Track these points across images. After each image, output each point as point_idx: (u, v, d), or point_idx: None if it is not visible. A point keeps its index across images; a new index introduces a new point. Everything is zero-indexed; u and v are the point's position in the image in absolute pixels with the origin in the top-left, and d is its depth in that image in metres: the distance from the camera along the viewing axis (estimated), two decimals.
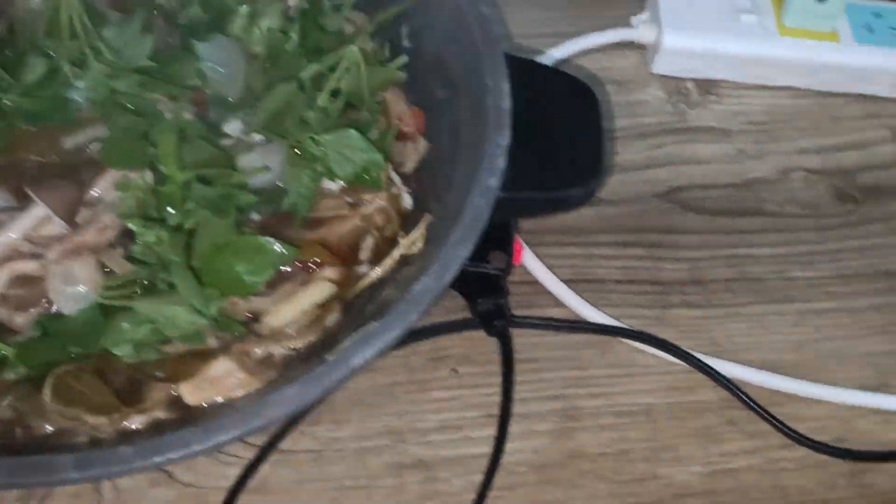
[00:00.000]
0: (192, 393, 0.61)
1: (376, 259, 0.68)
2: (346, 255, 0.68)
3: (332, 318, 0.66)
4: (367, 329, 0.58)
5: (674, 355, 0.76)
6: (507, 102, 0.67)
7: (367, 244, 0.69)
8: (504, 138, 0.65)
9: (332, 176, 0.69)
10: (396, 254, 0.67)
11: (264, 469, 0.70)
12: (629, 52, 0.95)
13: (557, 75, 0.76)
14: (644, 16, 0.94)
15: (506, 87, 0.68)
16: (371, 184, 0.69)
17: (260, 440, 0.70)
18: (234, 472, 0.69)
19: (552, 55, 0.90)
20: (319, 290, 0.65)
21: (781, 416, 0.75)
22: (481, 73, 0.69)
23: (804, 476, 0.73)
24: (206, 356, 0.62)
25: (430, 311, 0.60)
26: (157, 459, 0.53)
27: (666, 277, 0.81)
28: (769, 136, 0.90)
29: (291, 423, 0.71)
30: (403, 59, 0.75)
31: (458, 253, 0.61)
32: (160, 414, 0.60)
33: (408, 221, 0.70)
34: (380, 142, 0.70)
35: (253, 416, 0.54)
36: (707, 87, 0.93)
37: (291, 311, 0.64)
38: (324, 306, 0.65)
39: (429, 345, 0.76)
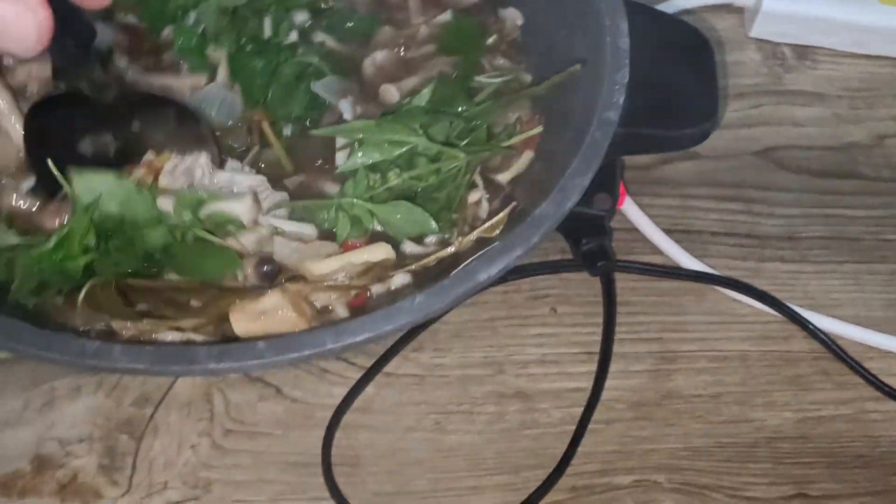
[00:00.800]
0: (239, 321, 0.60)
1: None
2: None
3: (400, 280, 0.65)
4: (489, 248, 0.60)
5: (769, 306, 0.77)
6: (625, 41, 0.68)
7: None
8: (623, 76, 0.66)
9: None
10: (474, 235, 0.67)
11: (369, 390, 0.72)
12: (727, 15, 0.95)
13: (672, 22, 0.78)
14: None
15: (624, 26, 0.69)
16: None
17: (366, 363, 0.72)
18: (340, 392, 0.71)
19: None
20: (371, 252, 0.65)
21: (873, 371, 0.75)
22: (599, 13, 0.70)
23: (894, 427, 0.74)
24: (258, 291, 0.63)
25: (547, 235, 0.61)
26: (292, 355, 0.55)
27: (762, 232, 0.82)
28: (865, 102, 0.91)
29: (396, 347, 0.72)
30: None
31: (577, 181, 0.62)
32: (195, 337, 0.60)
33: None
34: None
35: (383, 321, 0.56)
36: (803, 52, 0.94)
37: (337, 263, 0.64)
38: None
39: (528, 284, 0.77)
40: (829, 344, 0.76)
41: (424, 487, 0.69)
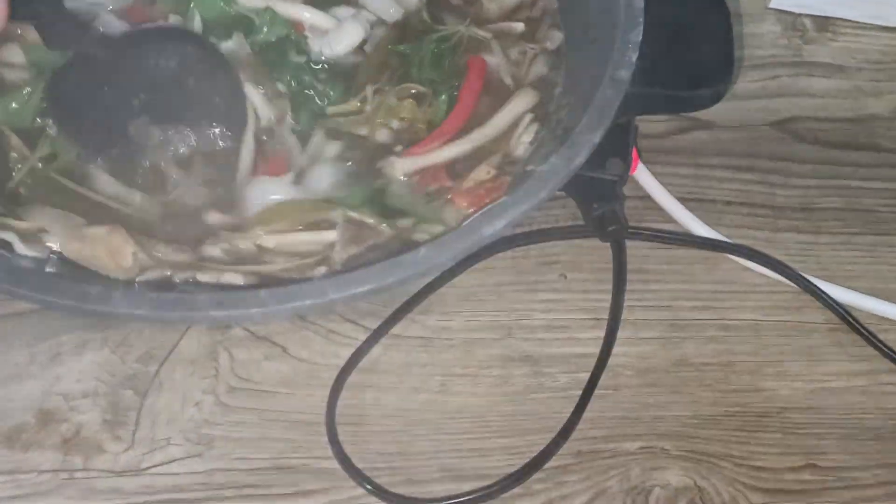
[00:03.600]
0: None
1: None
2: None
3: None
4: (496, 203, 0.59)
5: (783, 275, 0.76)
6: (640, 0, 0.67)
7: None
8: (636, 34, 0.65)
9: None
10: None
11: (375, 351, 0.71)
12: None
13: None
14: None
15: None
16: None
17: (373, 325, 0.72)
18: (346, 353, 0.70)
19: None
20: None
21: (888, 343, 0.74)
22: None
23: None
24: None
25: (555, 191, 0.60)
26: (295, 304, 0.54)
27: (777, 202, 0.81)
28: (886, 74, 0.90)
29: (403, 309, 0.72)
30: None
31: (586, 138, 0.62)
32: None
33: None
34: None
35: (387, 273, 0.56)
36: (823, 23, 0.92)
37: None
38: None
39: (537, 249, 0.77)
40: (844, 314, 0.75)
41: (428, 448, 0.68)
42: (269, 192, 0.66)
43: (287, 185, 0.66)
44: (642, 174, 0.79)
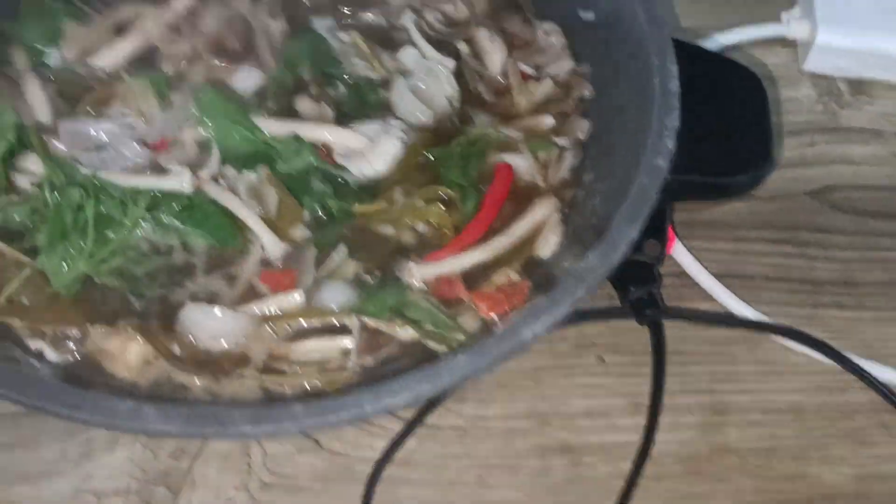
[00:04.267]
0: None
1: None
2: None
3: None
4: (534, 304, 0.58)
5: (825, 355, 0.74)
6: (675, 84, 0.66)
7: None
8: (673, 120, 0.65)
9: None
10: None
11: (411, 442, 0.70)
12: (779, 49, 0.93)
13: (722, 62, 0.75)
14: (795, 11, 0.92)
15: (674, 68, 0.67)
16: None
17: (407, 414, 0.70)
18: (380, 444, 0.69)
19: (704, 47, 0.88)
20: None
21: None
22: (647, 52, 0.69)
23: None
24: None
25: (595, 290, 0.59)
26: (329, 418, 0.53)
27: (817, 277, 0.79)
28: None
29: (438, 398, 0.71)
30: None
31: (625, 232, 0.61)
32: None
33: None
34: None
35: (423, 381, 0.55)
36: (859, 87, 0.91)
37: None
38: None
39: (574, 331, 0.75)
40: (889, 395, 0.73)
41: None
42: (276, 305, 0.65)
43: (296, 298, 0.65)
44: (679, 251, 0.77)
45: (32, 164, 0.69)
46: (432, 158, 0.71)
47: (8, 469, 0.67)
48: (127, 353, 0.62)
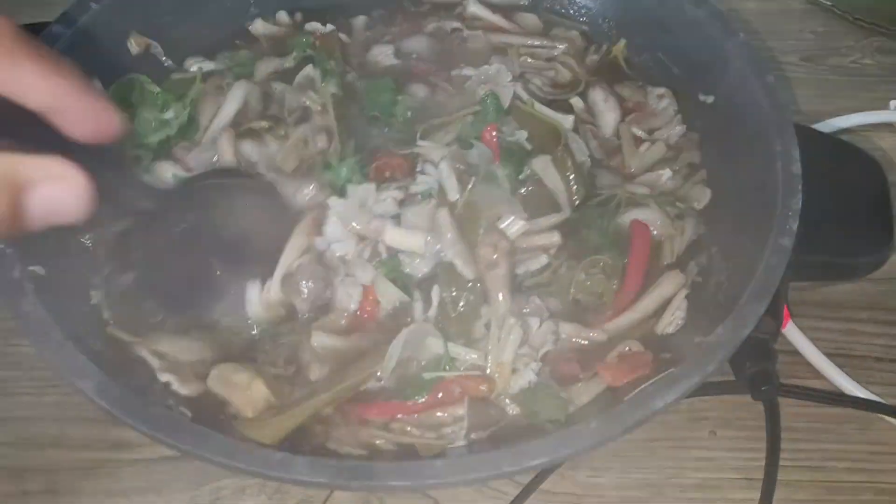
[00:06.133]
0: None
1: None
2: None
3: None
4: (665, 375, 0.60)
5: None
6: (797, 167, 0.68)
7: None
8: (797, 202, 0.66)
9: None
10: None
11: None
12: (887, 135, 0.94)
13: (841, 145, 0.77)
14: None
15: (796, 153, 0.69)
16: None
17: (523, 479, 0.72)
18: None
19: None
20: None
21: None
22: (769, 137, 0.71)
23: None
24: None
25: (724, 362, 0.61)
26: (470, 476, 0.55)
27: None
28: None
29: (555, 465, 0.72)
30: None
31: (753, 308, 0.62)
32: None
33: None
34: None
35: (560, 446, 0.56)
36: None
37: None
38: None
39: (687, 405, 0.76)
40: None
41: None
42: None
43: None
44: (791, 330, 0.79)
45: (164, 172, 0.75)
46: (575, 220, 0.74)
47: None
48: (250, 390, 0.65)
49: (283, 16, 0.89)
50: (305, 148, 0.77)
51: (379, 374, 0.66)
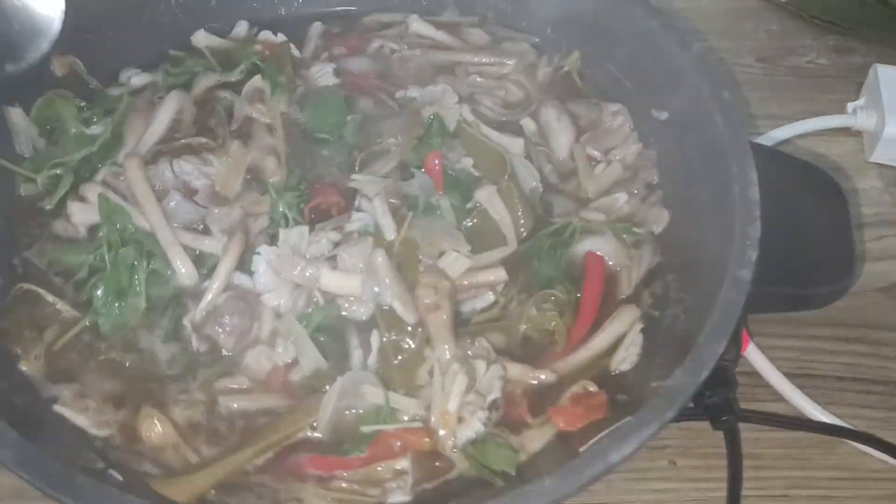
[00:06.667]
0: None
1: None
2: None
3: None
4: (622, 424, 0.57)
5: None
6: (755, 192, 0.66)
7: None
8: (755, 230, 0.64)
9: None
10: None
11: None
12: (844, 139, 0.92)
13: (800, 166, 0.74)
14: (860, 102, 0.92)
15: (753, 175, 0.67)
16: None
17: None
18: None
19: (770, 136, 0.88)
20: None
21: None
22: (726, 159, 0.68)
23: None
24: None
25: (685, 404, 0.58)
26: None
27: (892, 377, 0.78)
28: None
29: None
30: None
31: (712, 349, 0.60)
32: None
33: None
34: None
35: None
36: None
37: None
38: None
39: None
40: None
41: None
42: None
43: None
44: (752, 352, 0.76)
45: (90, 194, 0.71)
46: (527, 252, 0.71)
47: None
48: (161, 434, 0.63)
49: (242, 27, 0.85)
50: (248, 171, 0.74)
51: (315, 424, 0.62)
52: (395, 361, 0.64)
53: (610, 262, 0.70)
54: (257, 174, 0.74)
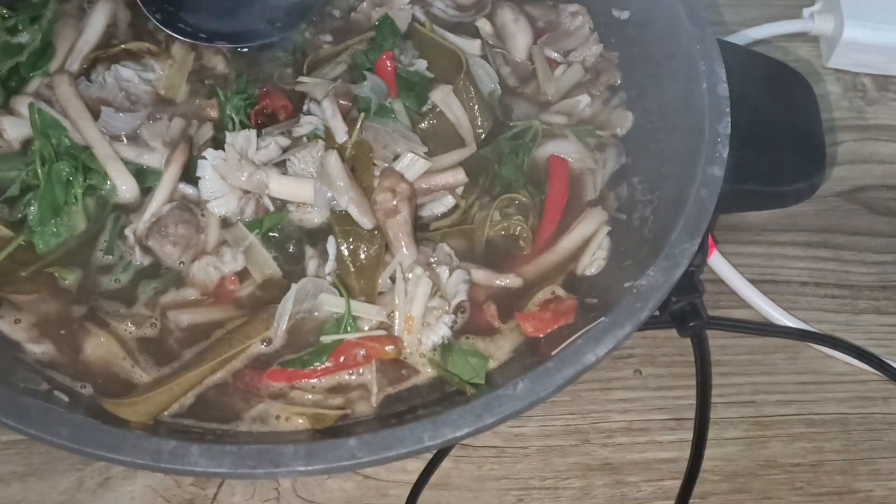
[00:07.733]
0: None
1: None
2: None
3: None
4: (595, 325, 0.55)
5: (867, 363, 0.72)
6: (724, 88, 0.63)
7: None
8: (725, 127, 0.62)
9: None
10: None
11: (446, 464, 0.66)
12: (800, 44, 0.90)
13: (767, 63, 0.72)
14: (817, 6, 0.90)
15: (722, 71, 0.64)
16: None
17: None
18: (415, 466, 0.66)
19: None
20: None
21: None
22: (692, 56, 0.66)
23: None
24: None
25: (657, 307, 0.56)
26: (387, 454, 0.50)
27: (854, 281, 0.77)
28: None
29: None
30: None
31: (686, 247, 0.58)
32: None
33: None
34: None
35: (486, 412, 0.51)
36: (883, 83, 0.89)
37: None
38: None
39: None
40: None
41: None
42: None
43: None
44: (716, 259, 0.74)
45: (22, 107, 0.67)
46: (488, 156, 0.68)
47: (22, 501, 0.63)
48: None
49: None
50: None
51: (270, 335, 0.59)
52: (353, 269, 0.61)
53: (575, 166, 0.67)
54: (202, 75, 0.70)
